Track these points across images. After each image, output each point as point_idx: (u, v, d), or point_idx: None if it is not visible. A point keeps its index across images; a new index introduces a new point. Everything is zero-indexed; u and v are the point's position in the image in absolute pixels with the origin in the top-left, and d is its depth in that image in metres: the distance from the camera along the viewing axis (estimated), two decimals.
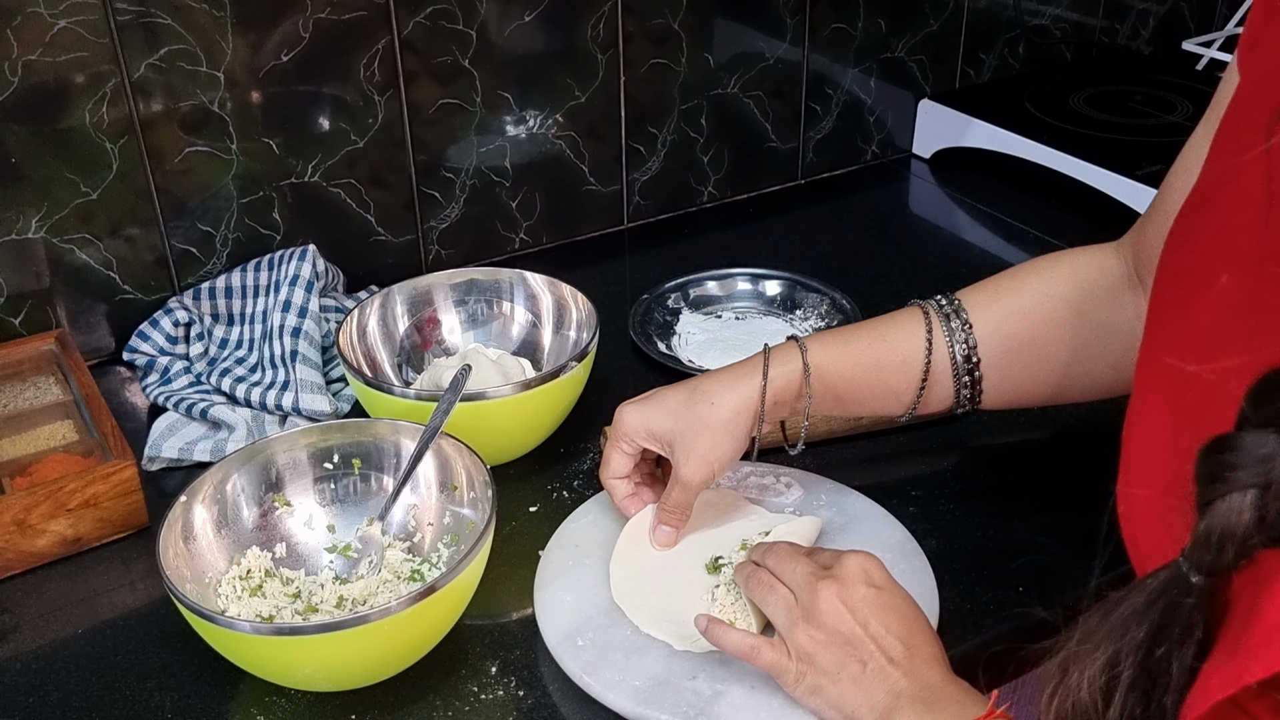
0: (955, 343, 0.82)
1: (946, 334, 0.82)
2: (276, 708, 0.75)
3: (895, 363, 0.83)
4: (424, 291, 1.05)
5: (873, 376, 0.83)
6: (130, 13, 1.00)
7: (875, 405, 0.85)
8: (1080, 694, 0.47)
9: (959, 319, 0.83)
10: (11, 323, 1.06)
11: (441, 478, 0.85)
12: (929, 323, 0.83)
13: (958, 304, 0.84)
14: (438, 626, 0.76)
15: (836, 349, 0.83)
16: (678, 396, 0.82)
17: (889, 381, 0.83)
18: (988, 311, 0.83)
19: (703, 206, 1.41)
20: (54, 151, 1.02)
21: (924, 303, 0.85)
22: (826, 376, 0.82)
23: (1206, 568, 0.44)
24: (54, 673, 0.78)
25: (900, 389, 0.83)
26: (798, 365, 0.82)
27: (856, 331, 0.85)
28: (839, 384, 0.83)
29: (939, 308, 0.84)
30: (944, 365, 0.83)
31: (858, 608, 0.69)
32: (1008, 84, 1.54)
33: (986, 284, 0.85)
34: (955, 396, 0.84)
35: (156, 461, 0.97)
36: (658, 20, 1.26)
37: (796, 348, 0.83)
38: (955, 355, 0.82)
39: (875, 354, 0.83)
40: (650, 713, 0.72)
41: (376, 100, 1.15)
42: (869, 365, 0.83)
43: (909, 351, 0.83)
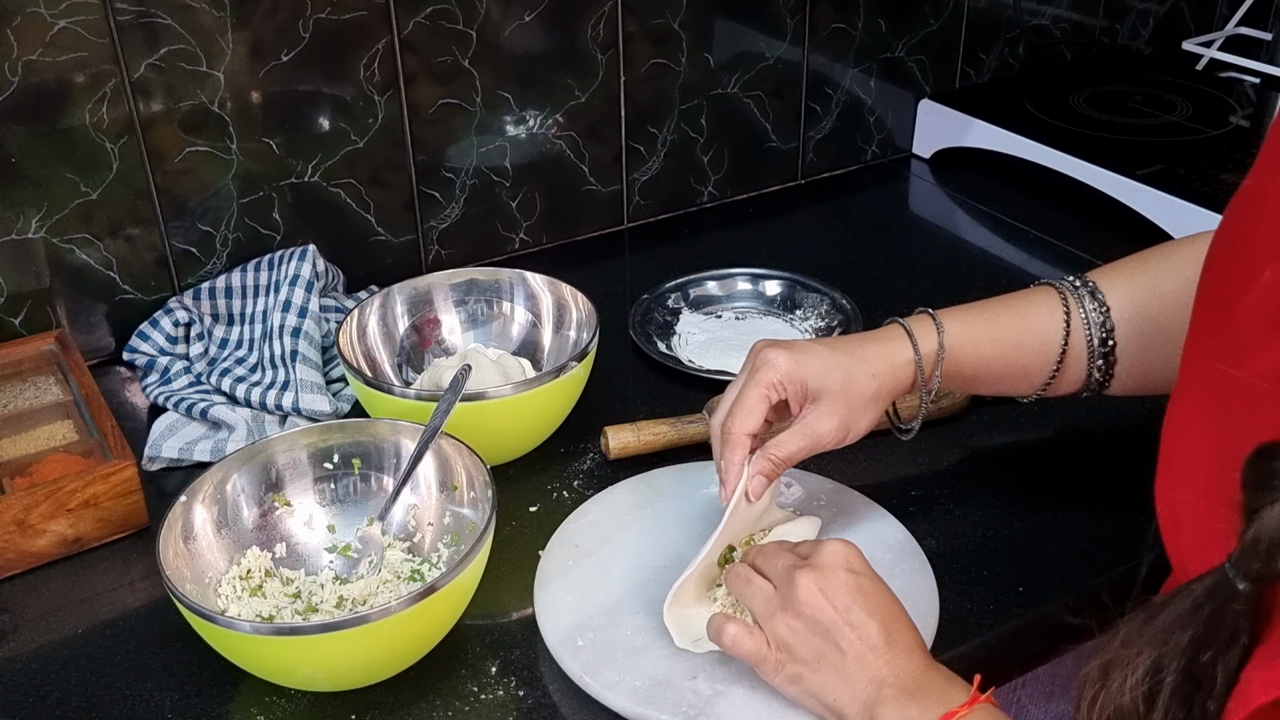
0: (1092, 324, 0.81)
1: (1083, 314, 0.81)
2: (276, 708, 0.75)
3: (1032, 343, 0.81)
4: (424, 291, 1.05)
5: (1009, 357, 0.81)
6: (130, 13, 1.00)
7: (1004, 386, 0.83)
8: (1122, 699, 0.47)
9: (1095, 300, 0.81)
10: (11, 323, 1.06)
11: (441, 478, 0.85)
12: (1066, 303, 0.81)
13: (1093, 285, 0.82)
14: (438, 626, 0.76)
15: (975, 325, 0.81)
16: (834, 355, 0.78)
17: (1024, 362, 0.81)
18: (1124, 293, 0.81)
19: (703, 206, 1.41)
20: (54, 151, 1.02)
21: (1056, 282, 0.83)
22: (961, 356, 0.80)
23: (1254, 575, 0.43)
24: (54, 673, 0.78)
25: (1033, 370, 0.82)
26: (934, 344, 0.80)
27: (991, 309, 0.82)
28: (973, 363, 0.81)
29: (1073, 288, 0.82)
30: (1080, 347, 0.81)
31: (836, 595, 0.68)
32: (1008, 84, 1.54)
33: (1121, 265, 0.83)
34: (1086, 379, 0.83)
35: (156, 461, 0.97)
36: (658, 20, 1.26)
37: (931, 323, 0.80)
38: (1092, 336, 0.81)
39: (1013, 333, 0.81)
40: (650, 713, 0.72)
41: (376, 100, 1.15)
42: (1006, 345, 0.81)
43: (1047, 332, 0.81)
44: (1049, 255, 1.27)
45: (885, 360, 0.79)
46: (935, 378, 0.80)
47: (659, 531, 0.86)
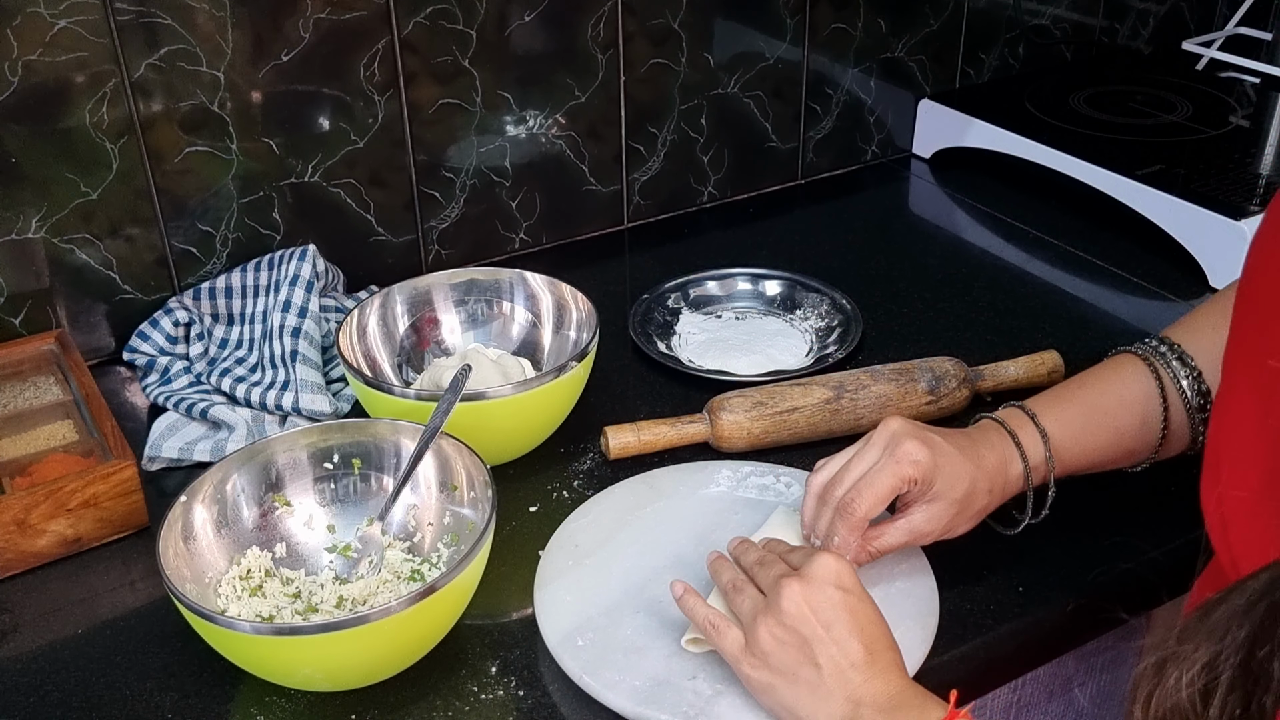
0: (1188, 391, 0.80)
1: (1176, 384, 0.80)
2: (276, 708, 0.75)
3: (1133, 426, 0.81)
4: (424, 291, 1.05)
5: (1113, 447, 0.81)
6: (130, 13, 1.00)
7: (1110, 466, 0.84)
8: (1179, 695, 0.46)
9: (1186, 365, 0.80)
10: (11, 323, 1.06)
11: (441, 478, 0.85)
12: (1158, 375, 0.80)
13: (1180, 350, 0.81)
14: (438, 626, 0.76)
15: (1075, 424, 0.80)
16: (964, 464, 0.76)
17: (1128, 446, 0.82)
18: (1211, 351, 0.80)
19: (703, 206, 1.40)
20: (54, 151, 1.02)
21: (1139, 350, 0.82)
22: (1068, 460, 0.80)
23: None
24: (54, 673, 0.78)
25: (1139, 450, 0.82)
26: (1041, 455, 0.79)
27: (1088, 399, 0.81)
28: (1078, 461, 0.81)
29: (1159, 354, 0.81)
30: (1180, 416, 0.81)
31: (821, 609, 0.67)
32: (1008, 84, 1.54)
33: (1199, 321, 0.83)
34: (1192, 440, 0.82)
35: (156, 461, 0.97)
36: (658, 20, 1.26)
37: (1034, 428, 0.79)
38: (1190, 403, 0.80)
39: (1113, 422, 0.80)
40: (650, 713, 0.72)
41: (376, 100, 1.15)
42: (1109, 437, 0.81)
43: (1146, 412, 0.80)
44: (1049, 255, 1.27)
45: (1001, 476, 0.79)
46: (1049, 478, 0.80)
47: (659, 531, 0.86)
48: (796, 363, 1.08)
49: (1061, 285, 1.22)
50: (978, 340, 1.11)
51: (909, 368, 0.99)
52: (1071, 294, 1.20)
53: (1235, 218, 1.16)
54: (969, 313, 1.16)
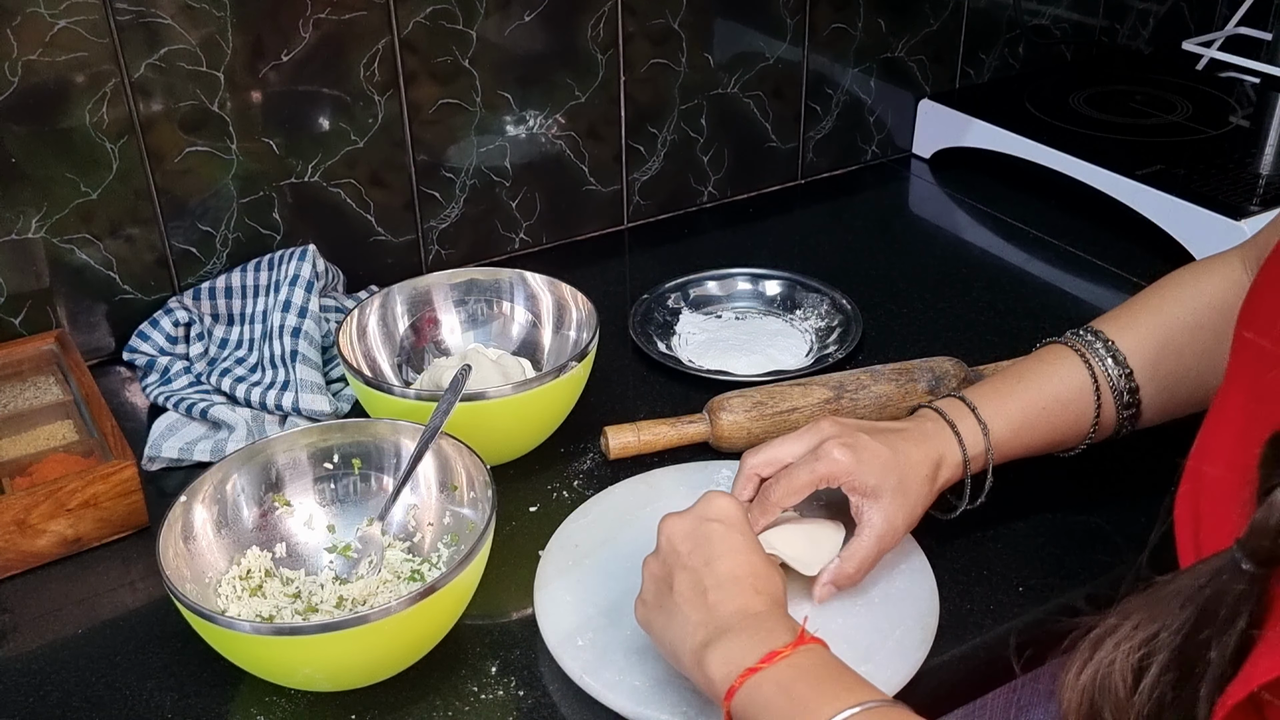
0: (1119, 387, 0.83)
1: (1109, 378, 0.83)
2: (276, 708, 0.75)
3: (1069, 421, 0.83)
4: (424, 291, 1.05)
5: (1050, 437, 0.84)
6: (130, 13, 1.00)
7: (1042, 453, 0.86)
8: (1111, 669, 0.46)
9: (1117, 362, 0.83)
10: (11, 323, 1.06)
11: (441, 478, 0.85)
12: (1092, 370, 0.83)
13: (1113, 345, 0.84)
14: (438, 626, 0.76)
15: (1015, 417, 0.82)
16: (889, 451, 0.78)
17: (1063, 437, 0.85)
18: (1139, 346, 0.83)
19: (703, 206, 1.40)
20: (54, 151, 1.02)
21: (1071, 341, 0.85)
22: (1007, 450, 0.83)
23: (1260, 556, 0.43)
24: (54, 673, 0.78)
25: (1071, 438, 0.85)
26: (980, 444, 0.81)
27: (1022, 385, 0.84)
28: (1018, 450, 0.84)
29: (1091, 346, 0.84)
30: (1110, 408, 0.84)
31: (688, 538, 0.69)
32: (1008, 84, 1.54)
33: (1127, 315, 0.85)
34: (1116, 431, 0.85)
35: (156, 461, 0.97)
36: (658, 20, 1.26)
37: (969, 412, 0.82)
38: (1118, 393, 0.83)
39: (1051, 417, 0.83)
40: (650, 713, 0.72)
41: (376, 100, 1.15)
42: (1046, 429, 0.83)
43: (1081, 406, 0.83)
44: (1049, 255, 1.27)
45: (936, 457, 0.80)
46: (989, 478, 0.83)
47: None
48: (796, 363, 1.08)
49: (1061, 285, 1.22)
50: (978, 340, 1.11)
51: (909, 368, 0.99)
52: (1071, 294, 1.20)
53: (1235, 218, 1.16)
54: (969, 313, 1.16)
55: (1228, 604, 0.44)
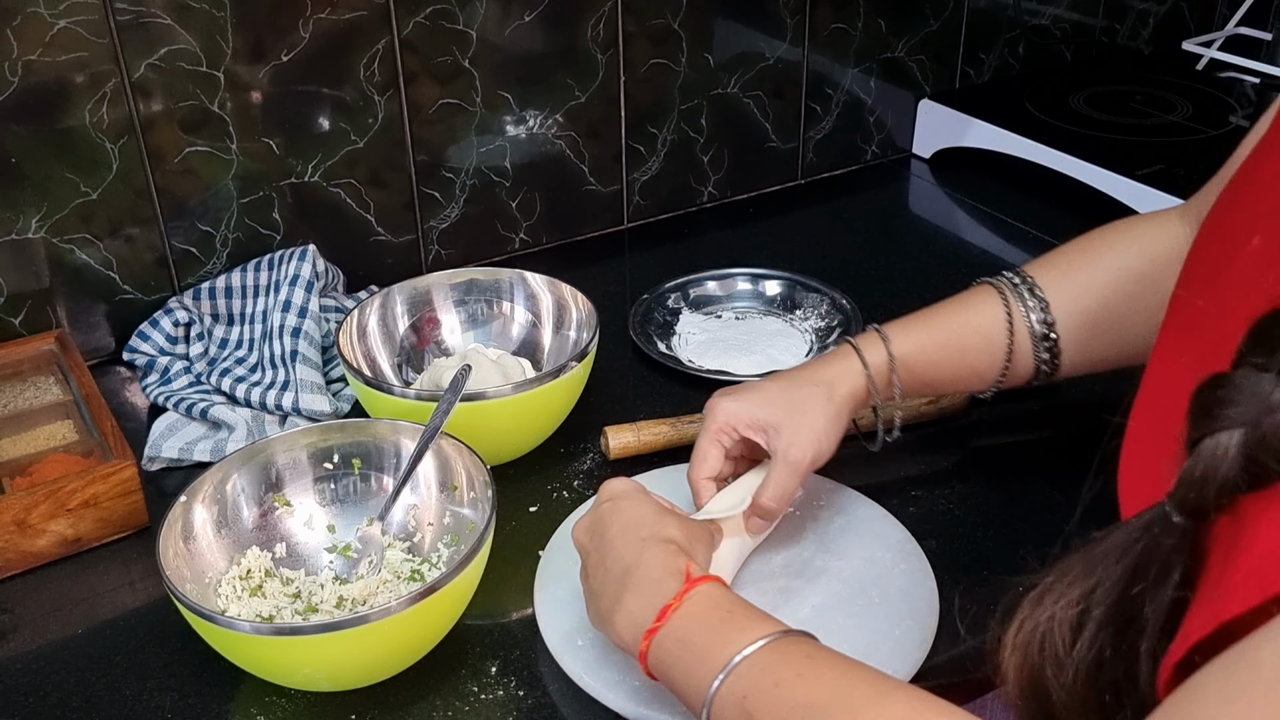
0: (1033, 318, 0.84)
1: (1024, 310, 0.84)
2: (276, 708, 0.75)
3: (977, 345, 0.84)
4: (424, 291, 1.05)
5: (958, 360, 0.85)
6: (130, 13, 1.00)
7: (959, 386, 0.87)
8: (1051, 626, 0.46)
9: (1034, 296, 0.84)
10: (11, 323, 1.06)
11: (441, 478, 0.85)
12: (1006, 301, 0.84)
13: (1030, 280, 0.85)
14: (438, 626, 0.76)
15: (919, 334, 0.84)
16: (776, 385, 0.82)
17: (972, 362, 0.85)
18: (1061, 286, 0.84)
19: (703, 206, 1.41)
20: (54, 151, 1.02)
21: (994, 280, 0.86)
22: (913, 365, 0.84)
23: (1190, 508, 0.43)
24: (54, 673, 0.78)
25: (984, 368, 0.85)
26: (884, 355, 0.83)
27: (935, 316, 0.86)
28: (925, 370, 0.84)
29: (1012, 285, 0.85)
30: (1025, 342, 0.84)
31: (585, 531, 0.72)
32: (1008, 84, 1.54)
33: (1057, 259, 0.86)
34: (1035, 370, 0.85)
35: (156, 461, 0.97)
36: (658, 20, 1.26)
37: (879, 337, 0.84)
38: (1035, 330, 0.84)
39: (957, 337, 0.84)
40: (650, 713, 0.72)
41: (376, 100, 1.15)
42: (951, 350, 0.84)
43: (990, 332, 0.84)
44: None
45: (833, 375, 0.82)
46: (894, 387, 0.83)
47: None
48: (796, 363, 1.08)
49: None
50: None
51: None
52: None
53: None
54: None
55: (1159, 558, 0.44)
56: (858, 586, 0.81)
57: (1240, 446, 0.41)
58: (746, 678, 0.59)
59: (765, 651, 0.59)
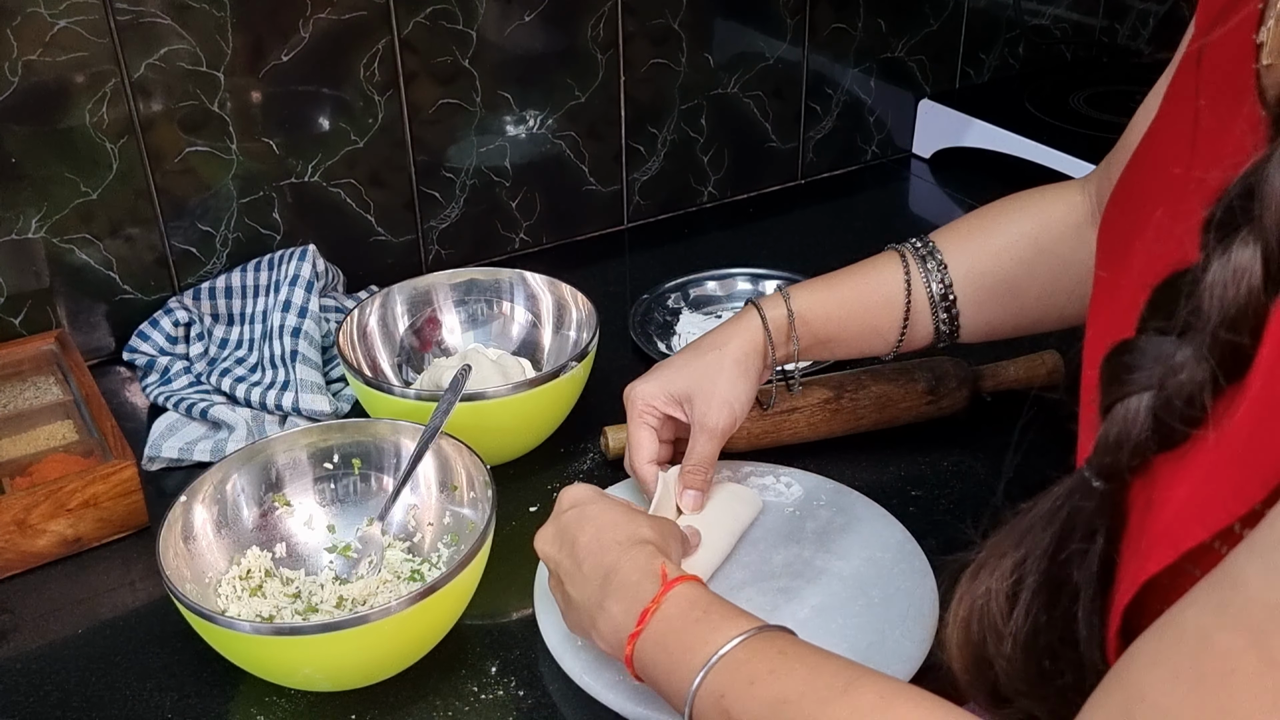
0: (932, 281, 0.86)
1: (923, 274, 0.86)
2: (276, 708, 0.75)
3: (877, 302, 0.86)
4: (424, 291, 1.05)
5: (856, 318, 0.87)
6: (130, 13, 1.00)
7: (861, 345, 0.88)
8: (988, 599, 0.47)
9: (934, 259, 0.86)
10: (11, 323, 1.06)
11: (441, 478, 0.85)
12: (906, 264, 0.87)
13: (932, 245, 0.87)
14: (438, 626, 0.76)
15: (820, 293, 0.87)
16: (682, 357, 0.85)
17: (872, 321, 0.87)
18: (961, 252, 0.86)
19: (703, 206, 1.41)
20: (54, 151, 1.02)
21: (900, 246, 0.88)
22: (812, 320, 0.86)
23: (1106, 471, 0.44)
24: (54, 673, 0.78)
25: (883, 327, 0.87)
26: (783, 311, 0.85)
27: (837, 277, 0.88)
28: (825, 326, 0.86)
29: (914, 250, 0.87)
30: (923, 303, 0.86)
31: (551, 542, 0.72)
32: (1008, 84, 1.54)
33: (959, 224, 0.89)
34: (935, 333, 0.87)
35: (156, 461, 0.97)
36: (658, 20, 1.26)
37: (780, 296, 0.86)
38: (933, 293, 0.86)
39: (857, 295, 0.87)
40: (650, 713, 0.72)
41: (376, 100, 1.15)
42: (852, 307, 0.86)
43: (889, 292, 0.86)
44: None
45: (731, 335, 0.85)
46: (793, 340, 0.86)
47: None
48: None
49: None
50: None
51: (909, 367, 0.99)
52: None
53: None
54: None
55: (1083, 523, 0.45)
56: (858, 586, 0.81)
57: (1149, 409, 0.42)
58: (723, 676, 0.59)
59: (740, 649, 0.60)
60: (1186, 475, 0.41)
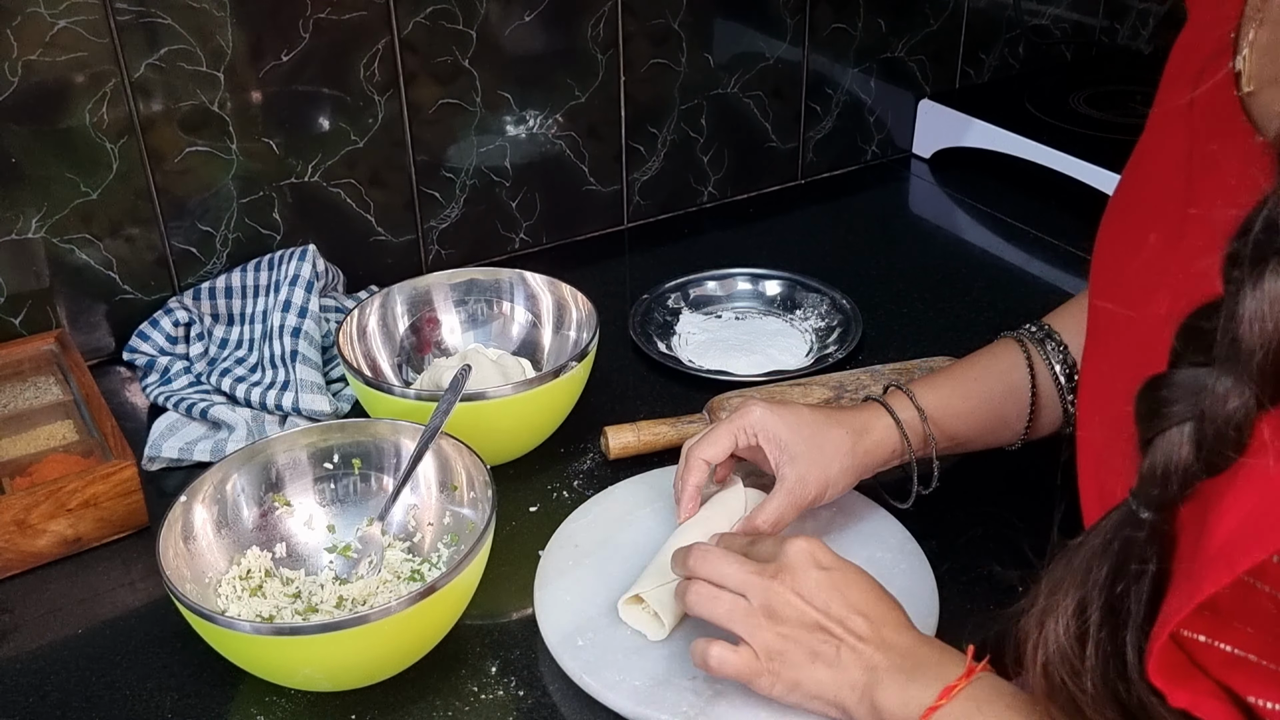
0: (1054, 363, 0.85)
1: (1044, 356, 0.85)
2: (276, 708, 0.75)
3: (1003, 392, 0.85)
4: (424, 291, 1.05)
5: (984, 410, 0.85)
6: (130, 13, 1.00)
7: (990, 438, 0.87)
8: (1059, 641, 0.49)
9: (1053, 341, 0.85)
10: (11, 323, 1.06)
11: (441, 478, 0.85)
12: (1026, 350, 0.85)
13: (1048, 328, 0.86)
14: (438, 626, 0.76)
15: (945, 389, 0.85)
16: (813, 416, 0.82)
17: (1000, 411, 0.85)
18: (1079, 328, 0.84)
19: (703, 206, 1.41)
20: (54, 151, 1.02)
21: (1016, 334, 0.87)
22: (941, 419, 0.84)
23: (1154, 503, 0.46)
24: (54, 673, 0.78)
25: (1011, 417, 0.86)
26: (913, 410, 0.83)
27: (960, 370, 0.87)
28: (953, 422, 0.85)
29: (1032, 335, 0.86)
30: (1049, 387, 0.85)
31: (814, 594, 0.68)
32: (1008, 84, 1.54)
33: (1073, 307, 0.88)
34: (1064, 416, 0.86)
35: (156, 461, 0.97)
36: (658, 20, 1.26)
37: (904, 394, 0.84)
38: (1058, 375, 0.85)
39: (983, 388, 0.85)
40: (650, 713, 0.72)
41: (376, 100, 1.15)
42: (979, 400, 0.85)
43: (1014, 380, 0.85)
44: (1049, 255, 1.27)
45: (860, 422, 0.82)
46: (930, 439, 0.83)
47: (659, 531, 0.86)
48: (796, 363, 1.08)
49: (1061, 285, 1.22)
50: (978, 340, 1.10)
51: (909, 368, 0.99)
52: (1071, 294, 1.20)
53: None
54: (969, 313, 1.16)
55: (1136, 554, 0.47)
56: None
57: (1192, 439, 0.44)
58: None
59: None
60: (1237, 497, 0.43)
